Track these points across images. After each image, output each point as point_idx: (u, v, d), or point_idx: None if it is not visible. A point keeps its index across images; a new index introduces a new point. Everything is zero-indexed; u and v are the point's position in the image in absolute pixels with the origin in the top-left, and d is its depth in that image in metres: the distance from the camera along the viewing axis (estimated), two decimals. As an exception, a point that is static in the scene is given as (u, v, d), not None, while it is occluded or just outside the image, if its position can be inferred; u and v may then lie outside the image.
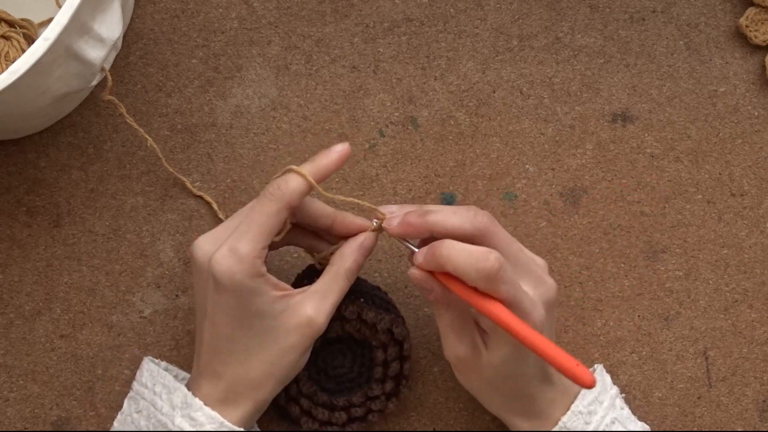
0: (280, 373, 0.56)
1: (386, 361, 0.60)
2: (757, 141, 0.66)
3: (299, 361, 0.56)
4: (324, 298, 0.55)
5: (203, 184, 0.65)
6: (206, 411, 0.54)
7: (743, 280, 0.65)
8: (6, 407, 0.63)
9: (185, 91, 0.66)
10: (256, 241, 0.53)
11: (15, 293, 0.64)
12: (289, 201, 0.54)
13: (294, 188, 0.54)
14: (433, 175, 0.66)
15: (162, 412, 0.55)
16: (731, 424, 0.64)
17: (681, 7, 0.67)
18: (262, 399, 0.56)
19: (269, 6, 0.67)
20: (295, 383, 0.59)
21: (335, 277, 0.56)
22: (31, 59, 0.52)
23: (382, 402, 0.60)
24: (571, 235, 0.65)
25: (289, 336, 0.55)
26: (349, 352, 0.61)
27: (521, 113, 0.66)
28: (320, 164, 0.55)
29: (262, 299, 0.54)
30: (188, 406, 0.55)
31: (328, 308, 0.55)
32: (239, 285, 0.53)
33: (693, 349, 0.65)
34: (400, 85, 0.66)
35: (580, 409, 0.56)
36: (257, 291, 0.54)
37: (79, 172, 0.65)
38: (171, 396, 0.56)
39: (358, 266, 0.56)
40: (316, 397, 0.60)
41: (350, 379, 0.61)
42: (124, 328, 0.64)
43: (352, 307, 0.58)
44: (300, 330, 0.55)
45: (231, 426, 0.54)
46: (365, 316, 0.58)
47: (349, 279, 0.56)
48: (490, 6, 0.67)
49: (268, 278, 0.55)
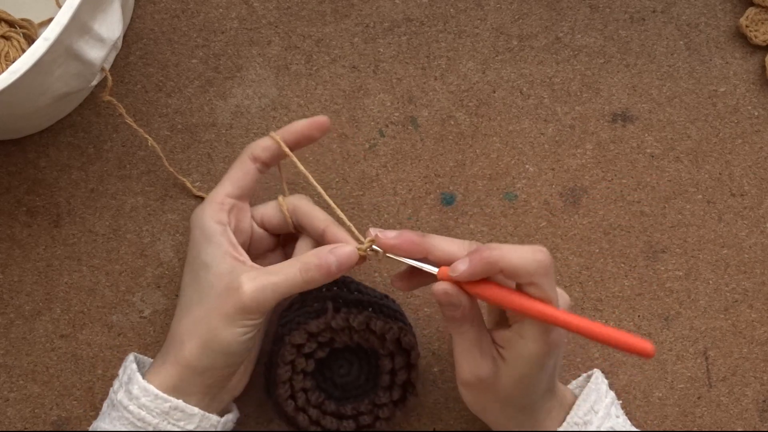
0: (199, 336, 0.54)
1: (393, 370, 0.60)
2: (757, 141, 0.66)
3: (223, 331, 0.53)
4: (265, 275, 0.54)
5: (203, 184, 0.65)
6: (141, 383, 0.54)
7: (743, 280, 0.65)
8: (6, 407, 0.63)
9: (185, 91, 0.66)
10: (220, 187, 0.58)
11: (15, 293, 0.64)
12: (252, 152, 0.58)
13: (258, 143, 0.59)
14: (433, 175, 0.66)
15: (113, 389, 0.56)
16: (731, 424, 0.64)
17: (681, 7, 0.67)
18: (183, 361, 0.54)
19: (269, 6, 0.67)
20: (304, 393, 0.59)
21: (289, 264, 0.54)
22: (31, 59, 0.52)
23: (389, 409, 0.60)
24: (571, 235, 0.65)
25: (217, 297, 0.54)
26: (356, 361, 0.61)
27: (521, 113, 0.66)
28: (290, 127, 0.59)
29: (212, 249, 0.55)
30: (129, 380, 0.55)
31: (263, 284, 0.53)
32: (198, 224, 0.57)
33: (693, 349, 0.65)
34: (400, 85, 0.66)
35: (575, 420, 0.55)
36: (211, 237, 0.55)
37: (79, 172, 0.65)
38: (124, 374, 0.56)
39: (318, 266, 0.54)
40: (324, 406, 0.60)
41: (357, 387, 0.61)
42: (124, 328, 0.64)
43: (361, 317, 0.58)
44: (225, 293, 0.53)
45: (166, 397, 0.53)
46: (374, 327, 0.58)
47: (302, 271, 0.54)
48: (490, 6, 0.67)
49: (227, 232, 0.56)
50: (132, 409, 0.54)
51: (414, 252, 0.54)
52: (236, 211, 0.58)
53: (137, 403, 0.54)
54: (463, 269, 0.52)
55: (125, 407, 0.54)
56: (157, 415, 0.54)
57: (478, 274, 0.52)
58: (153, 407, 0.54)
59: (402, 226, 0.65)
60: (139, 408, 0.54)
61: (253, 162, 0.58)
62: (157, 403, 0.54)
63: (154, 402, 0.54)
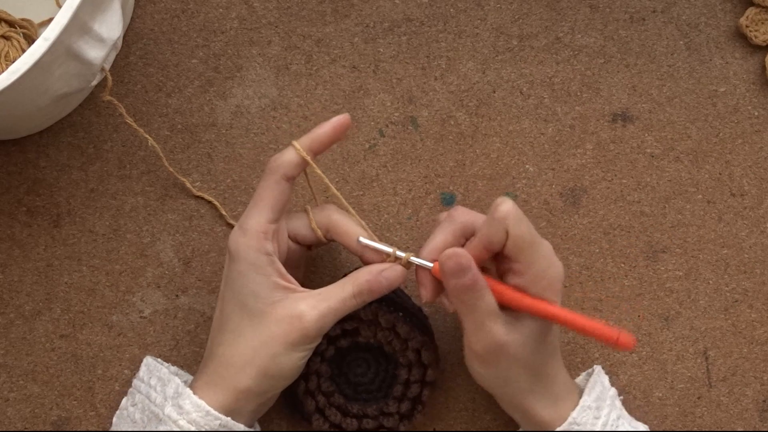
0: (262, 364, 0.54)
1: (408, 382, 0.59)
2: (757, 141, 0.66)
3: (285, 357, 0.55)
4: (322, 300, 0.55)
5: (203, 184, 0.65)
6: (193, 399, 0.54)
7: (743, 280, 0.65)
8: (6, 407, 0.63)
9: (185, 91, 0.66)
10: (259, 214, 0.55)
11: (15, 293, 0.64)
12: (284, 172, 0.55)
13: (288, 159, 0.56)
14: (433, 175, 0.66)
15: (155, 403, 0.56)
16: (731, 424, 0.64)
17: (681, 7, 0.67)
18: (242, 388, 0.55)
19: (269, 6, 0.67)
20: (317, 376, 0.59)
21: (342, 285, 0.55)
22: (31, 59, 0.52)
23: (394, 420, 0.59)
24: (571, 235, 0.65)
25: (276, 325, 0.54)
26: (374, 363, 0.61)
27: (521, 113, 0.66)
28: (315, 135, 0.56)
29: (261, 279, 0.54)
30: (178, 395, 0.55)
31: (322, 310, 0.54)
32: (243, 256, 0.55)
33: (693, 349, 0.65)
34: (400, 85, 0.66)
35: (588, 403, 0.56)
36: (258, 268, 0.54)
37: (79, 172, 0.65)
38: (165, 387, 0.56)
39: (370, 289, 0.55)
40: (333, 397, 0.60)
41: (369, 390, 0.61)
42: (124, 328, 0.64)
43: (389, 316, 0.58)
44: (287, 321, 0.54)
45: (217, 414, 0.54)
46: (399, 329, 0.58)
47: (355, 294, 0.55)
48: (490, 6, 0.67)
49: (274, 261, 0.55)
50: (182, 424, 0.54)
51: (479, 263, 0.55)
52: (277, 235, 0.57)
53: (188, 418, 0.54)
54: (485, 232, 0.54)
55: (174, 421, 0.54)
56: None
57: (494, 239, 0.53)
58: (203, 423, 0.54)
59: (402, 226, 0.65)
60: (189, 423, 0.54)
61: (287, 181, 0.56)
62: (207, 419, 0.54)
63: (205, 419, 0.54)
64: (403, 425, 0.60)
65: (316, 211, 0.58)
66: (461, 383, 0.64)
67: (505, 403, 0.58)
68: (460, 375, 0.64)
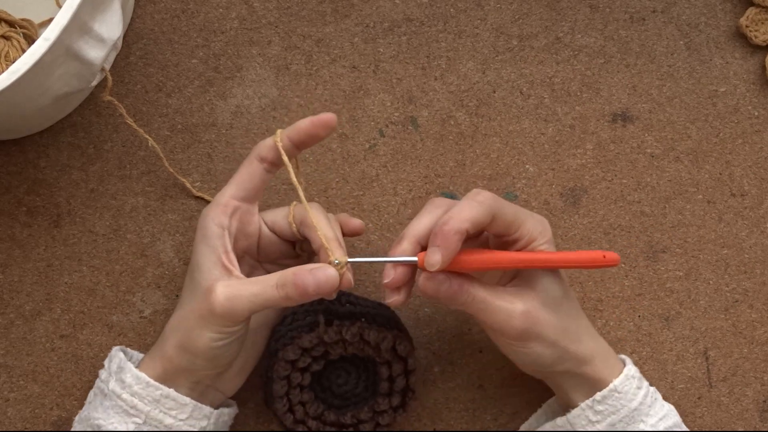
0: (178, 335, 0.54)
1: (392, 377, 0.59)
2: (757, 141, 0.66)
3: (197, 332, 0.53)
4: (241, 284, 0.53)
5: (203, 184, 0.65)
6: (133, 371, 0.55)
7: (743, 280, 0.65)
8: (6, 407, 0.63)
9: (185, 91, 0.66)
10: (226, 188, 0.57)
11: (15, 293, 0.64)
12: (258, 152, 0.56)
13: (265, 143, 0.57)
14: (433, 175, 0.66)
15: (101, 379, 0.57)
16: (731, 424, 0.64)
17: (681, 7, 0.67)
18: (166, 356, 0.55)
19: (269, 6, 0.67)
20: (302, 406, 0.59)
21: (270, 277, 0.53)
22: (31, 59, 0.52)
23: (390, 416, 0.60)
24: (571, 235, 0.65)
25: (195, 300, 0.54)
26: (353, 369, 0.61)
27: (521, 113, 0.66)
28: (295, 125, 0.56)
29: (207, 251, 0.55)
30: (120, 369, 0.56)
31: (235, 291, 0.53)
32: (201, 225, 0.56)
33: (693, 349, 0.65)
34: (400, 85, 0.66)
35: (632, 373, 0.57)
36: (209, 239, 0.55)
37: (79, 172, 0.65)
38: (110, 363, 0.57)
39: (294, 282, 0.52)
40: (324, 416, 0.60)
41: (356, 395, 0.61)
42: (124, 328, 0.64)
43: (353, 329, 0.58)
44: (204, 296, 0.53)
45: (158, 385, 0.54)
46: (367, 337, 0.58)
47: (278, 286, 0.52)
48: (490, 6, 0.67)
49: (224, 236, 0.55)
50: (125, 397, 0.55)
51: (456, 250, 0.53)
52: (240, 213, 0.57)
53: (130, 391, 0.55)
54: (439, 259, 0.52)
55: (118, 395, 0.55)
56: (149, 403, 0.54)
57: (454, 250, 0.52)
58: (145, 395, 0.54)
59: (402, 227, 0.64)
60: (132, 395, 0.54)
61: (260, 162, 0.56)
62: (148, 390, 0.54)
63: (146, 390, 0.54)
64: (399, 416, 0.60)
65: (300, 207, 0.58)
66: (461, 383, 0.64)
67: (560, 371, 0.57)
68: (460, 375, 0.64)
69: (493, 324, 0.54)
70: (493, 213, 0.53)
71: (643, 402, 0.56)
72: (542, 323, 0.54)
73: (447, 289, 0.53)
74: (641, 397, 0.56)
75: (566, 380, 0.57)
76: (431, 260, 0.52)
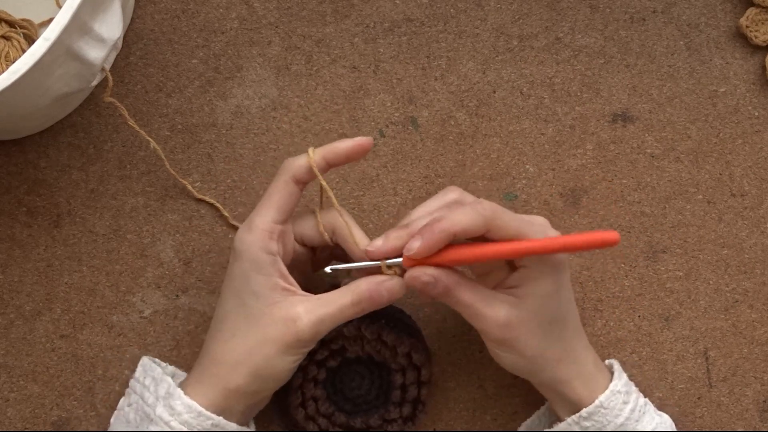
0: (254, 365, 0.54)
1: (404, 385, 0.59)
2: (757, 141, 0.66)
3: (278, 359, 0.54)
4: (320, 305, 0.54)
5: (203, 185, 0.65)
6: (184, 399, 0.54)
7: (743, 281, 0.65)
8: (6, 407, 0.63)
9: (185, 91, 0.66)
10: (267, 213, 0.55)
11: (15, 293, 0.64)
12: (294, 173, 0.56)
13: (299, 163, 0.56)
14: (433, 175, 0.66)
15: (148, 403, 0.56)
16: (731, 424, 0.64)
17: (681, 7, 0.67)
18: (232, 388, 0.54)
19: (269, 6, 0.67)
20: (314, 401, 0.59)
21: (341, 293, 0.55)
22: (31, 59, 0.52)
23: (398, 425, 0.60)
24: (571, 235, 0.65)
25: (271, 327, 0.54)
26: (368, 374, 0.61)
27: (521, 113, 0.66)
28: (333, 147, 0.56)
29: (263, 279, 0.54)
30: (170, 395, 0.55)
31: (319, 315, 0.54)
32: (246, 255, 0.55)
33: (693, 349, 0.65)
34: (400, 86, 0.66)
35: (619, 388, 0.56)
36: (261, 268, 0.54)
37: (79, 172, 0.65)
38: (157, 387, 0.56)
39: (370, 297, 0.54)
40: (334, 417, 0.60)
41: (368, 401, 0.61)
42: (124, 329, 0.64)
43: (373, 327, 0.58)
44: (282, 324, 0.54)
45: (209, 415, 0.54)
46: (385, 338, 0.58)
47: (354, 302, 0.54)
48: (490, 6, 0.67)
49: (277, 262, 0.55)
50: (173, 425, 0.54)
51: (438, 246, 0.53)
52: (283, 236, 0.56)
53: (179, 419, 0.54)
54: (418, 246, 0.52)
55: (166, 422, 0.54)
56: None
57: (434, 246, 0.52)
58: (195, 424, 0.54)
59: (402, 226, 0.64)
60: (181, 424, 0.54)
61: (297, 184, 0.56)
62: (199, 420, 0.54)
63: (197, 419, 0.54)
64: (407, 427, 0.60)
65: (323, 214, 0.58)
66: (461, 383, 0.64)
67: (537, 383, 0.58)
68: (460, 375, 0.64)
69: (475, 326, 0.55)
70: (489, 225, 0.52)
71: (630, 417, 0.56)
72: (521, 338, 0.54)
73: (432, 290, 0.54)
74: (628, 412, 0.56)
75: (547, 393, 0.58)
76: (410, 245, 0.53)
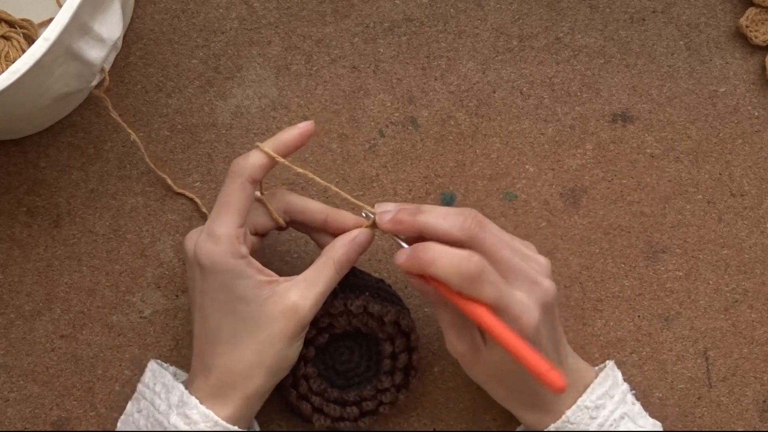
0: (268, 363, 0.55)
1: (394, 353, 0.60)
2: (757, 141, 0.66)
3: (287, 350, 0.55)
4: (310, 286, 0.55)
5: (203, 184, 0.65)
6: (201, 409, 0.54)
7: (743, 281, 0.65)
8: (6, 407, 0.63)
9: (185, 91, 0.66)
10: (229, 220, 0.54)
11: (15, 293, 0.64)
12: (249, 174, 0.55)
13: (253, 162, 0.55)
14: (433, 175, 0.66)
15: (159, 410, 0.55)
16: (731, 424, 0.64)
17: (681, 7, 0.67)
18: (252, 392, 0.55)
19: (269, 6, 0.67)
20: (305, 380, 0.59)
21: (323, 266, 0.56)
22: (31, 59, 0.52)
23: (392, 394, 0.60)
24: (571, 235, 0.65)
25: (274, 323, 0.54)
26: (356, 347, 0.61)
27: (521, 113, 0.66)
28: (281, 138, 0.56)
29: (245, 282, 0.54)
30: (184, 404, 0.54)
31: (313, 296, 0.55)
32: (221, 267, 0.54)
33: (693, 349, 0.65)
34: (400, 86, 0.66)
35: (587, 403, 0.56)
36: (240, 273, 0.54)
37: (79, 172, 0.65)
38: (169, 394, 0.56)
39: (348, 259, 0.56)
40: (326, 393, 0.60)
41: (359, 374, 0.61)
42: (124, 329, 0.64)
43: (358, 301, 0.58)
44: (285, 316, 0.54)
45: (225, 425, 0.54)
46: (371, 309, 0.58)
47: (337, 270, 0.56)
48: (490, 6, 0.67)
49: (251, 261, 0.55)
50: None
51: (408, 232, 0.55)
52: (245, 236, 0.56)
53: (196, 429, 0.54)
54: (401, 262, 0.53)
55: None
56: None
57: (415, 271, 0.53)
58: None
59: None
60: None
61: (252, 184, 0.55)
62: (215, 429, 0.54)
63: (213, 428, 0.54)
64: (402, 395, 0.60)
65: (269, 198, 0.58)
66: (461, 383, 0.64)
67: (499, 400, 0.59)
68: (460, 375, 0.64)
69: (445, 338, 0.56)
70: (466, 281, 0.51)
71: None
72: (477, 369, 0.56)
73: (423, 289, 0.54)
74: (596, 426, 0.55)
75: None
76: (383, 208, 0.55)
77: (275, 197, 0.58)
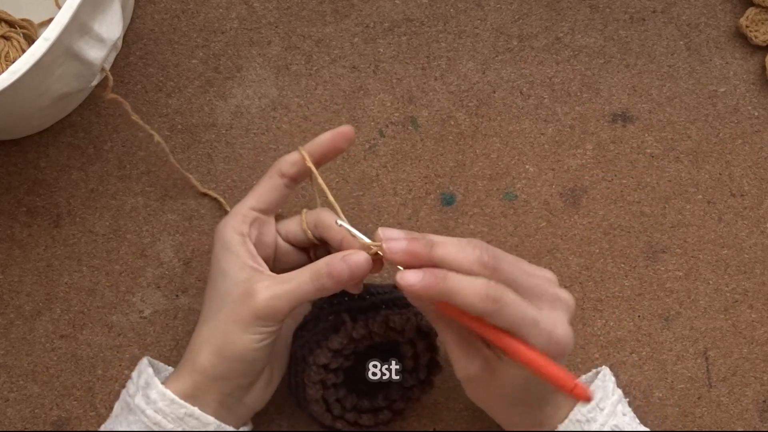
0: (214, 343, 0.54)
1: (416, 353, 0.60)
2: (757, 141, 0.66)
3: (237, 336, 0.53)
4: (279, 282, 0.54)
5: (203, 185, 0.65)
6: (159, 388, 0.54)
7: (743, 281, 0.65)
8: (6, 407, 0.63)
9: (185, 91, 0.66)
10: (246, 201, 0.57)
11: (15, 293, 0.64)
12: (279, 168, 0.57)
13: (286, 158, 0.57)
14: (433, 175, 0.66)
15: (129, 393, 0.56)
16: (731, 424, 0.64)
17: (681, 7, 0.67)
18: (198, 368, 0.54)
19: (269, 6, 0.67)
20: (338, 403, 0.59)
21: (302, 271, 0.54)
22: (31, 59, 0.52)
23: (419, 390, 0.60)
24: (571, 235, 0.65)
25: (232, 304, 0.54)
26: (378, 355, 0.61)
27: (521, 113, 0.66)
28: (317, 140, 0.57)
29: (231, 258, 0.55)
30: (147, 385, 0.55)
31: (277, 292, 0.53)
32: (218, 235, 0.56)
33: (693, 349, 0.65)
34: (400, 85, 0.66)
35: (578, 417, 0.55)
36: (231, 247, 0.55)
37: (79, 172, 0.65)
38: (139, 378, 0.57)
39: (330, 272, 0.53)
40: (359, 406, 0.60)
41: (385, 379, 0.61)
42: (124, 329, 0.64)
43: (379, 319, 0.57)
44: (240, 300, 0.53)
45: (182, 403, 0.54)
46: (393, 324, 0.58)
47: (312, 276, 0.53)
48: (490, 6, 0.67)
49: (246, 243, 0.56)
50: (149, 413, 0.54)
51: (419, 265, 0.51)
52: (259, 224, 0.57)
53: (154, 408, 0.54)
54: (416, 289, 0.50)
55: (142, 411, 0.54)
56: (173, 421, 0.54)
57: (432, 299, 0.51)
58: (169, 412, 0.54)
59: (402, 227, 0.64)
60: (156, 412, 0.54)
61: (281, 177, 0.57)
62: (173, 408, 0.54)
63: (170, 407, 0.54)
64: (426, 390, 0.61)
65: (310, 213, 0.58)
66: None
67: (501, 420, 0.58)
68: (460, 375, 0.64)
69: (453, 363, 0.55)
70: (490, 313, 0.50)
71: None
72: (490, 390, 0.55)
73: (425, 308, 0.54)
74: None
75: None
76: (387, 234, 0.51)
77: (313, 213, 0.58)
